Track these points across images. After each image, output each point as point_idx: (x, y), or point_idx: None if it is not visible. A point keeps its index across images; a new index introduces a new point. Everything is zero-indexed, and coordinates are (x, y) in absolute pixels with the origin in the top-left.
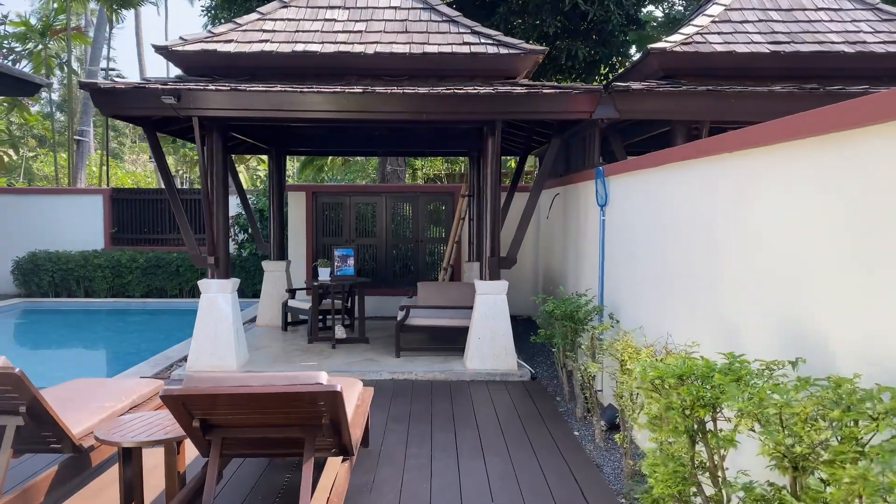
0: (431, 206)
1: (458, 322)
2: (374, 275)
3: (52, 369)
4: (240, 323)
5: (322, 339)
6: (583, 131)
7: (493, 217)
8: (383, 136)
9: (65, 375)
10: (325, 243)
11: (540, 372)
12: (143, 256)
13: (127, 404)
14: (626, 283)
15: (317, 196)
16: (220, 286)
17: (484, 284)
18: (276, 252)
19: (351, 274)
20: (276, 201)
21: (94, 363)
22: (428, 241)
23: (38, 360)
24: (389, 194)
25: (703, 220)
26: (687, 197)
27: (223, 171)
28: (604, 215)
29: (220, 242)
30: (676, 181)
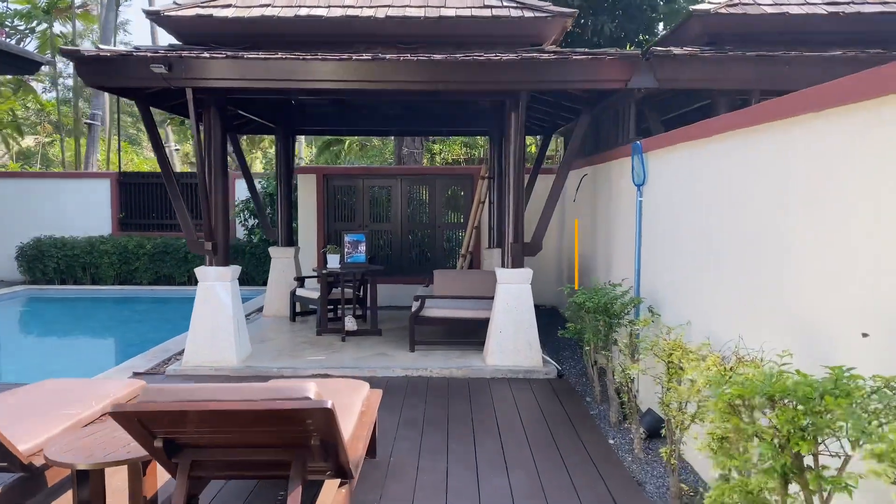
0: (450, 191)
1: (477, 313)
2: (388, 262)
3: (49, 361)
4: (241, 314)
5: (332, 330)
6: (615, 104)
7: (515, 200)
8: (397, 114)
9: (60, 369)
10: (338, 229)
11: (567, 368)
12: (151, 242)
13: (97, 411)
14: (668, 272)
15: (328, 179)
16: (219, 274)
17: (506, 273)
18: (284, 238)
19: (362, 261)
20: (284, 184)
21: (93, 354)
22: (446, 226)
23: (35, 351)
24: (405, 177)
25: (771, 197)
26: (749, 171)
27: (221, 149)
28: (641, 196)
29: (219, 226)
30: (735, 153)
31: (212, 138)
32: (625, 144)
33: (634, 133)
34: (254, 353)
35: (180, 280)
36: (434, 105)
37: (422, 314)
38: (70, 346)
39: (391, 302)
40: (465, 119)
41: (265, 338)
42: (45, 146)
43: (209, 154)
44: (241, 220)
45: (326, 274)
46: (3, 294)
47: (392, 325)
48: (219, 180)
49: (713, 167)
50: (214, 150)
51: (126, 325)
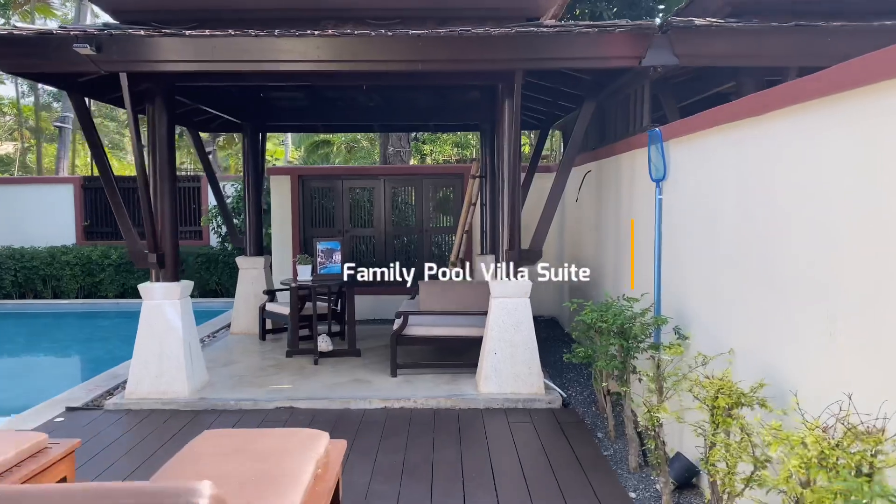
0: (441, 193)
1: (468, 331)
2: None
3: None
4: (194, 336)
5: (304, 351)
6: (624, 88)
7: (511, 201)
8: (377, 106)
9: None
10: (315, 235)
11: (573, 395)
12: (117, 252)
13: None
14: (700, 285)
15: (304, 180)
16: (167, 291)
17: (500, 285)
18: (253, 246)
19: (337, 272)
20: (253, 187)
21: (39, 379)
22: (434, 231)
23: None
24: (389, 177)
25: (861, 192)
26: (828, 159)
27: (168, 144)
28: (660, 193)
29: (166, 235)
30: (802, 134)
31: (157, 133)
32: (637, 134)
33: (649, 121)
34: (212, 380)
35: None
36: (418, 96)
37: (405, 333)
38: (15, 370)
39: (375, 314)
40: (453, 112)
41: (229, 360)
42: (24, 152)
43: (154, 152)
44: (214, 226)
45: (296, 287)
46: None
47: (374, 344)
48: (165, 182)
49: (778, 154)
50: (160, 148)
51: (85, 345)
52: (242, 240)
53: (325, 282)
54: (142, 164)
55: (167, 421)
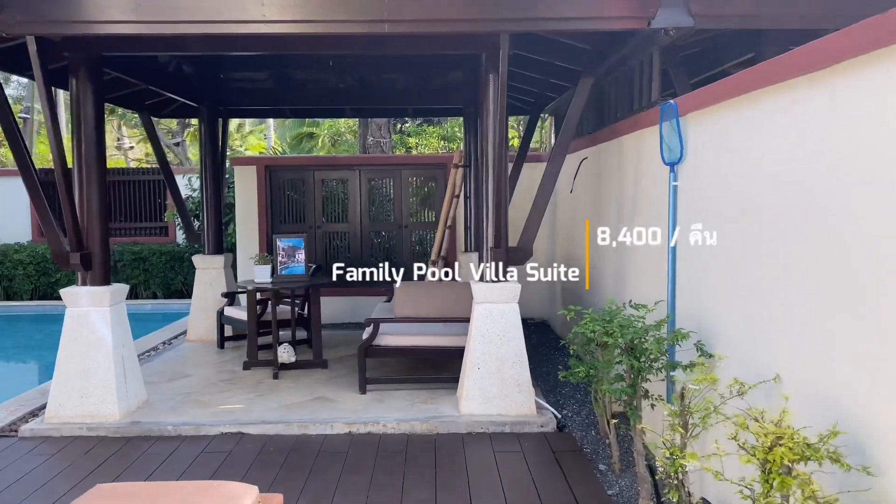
0: (422, 185)
1: (450, 340)
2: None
3: None
4: (129, 349)
5: (263, 363)
6: (628, 59)
7: (497, 192)
8: (349, 88)
9: None
10: (285, 231)
11: (569, 414)
12: None
13: None
14: (730, 291)
15: (272, 172)
16: (94, 297)
17: (484, 289)
18: (212, 244)
19: (300, 273)
20: (211, 178)
21: None
22: (415, 226)
23: None
24: (365, 168)
25: None
26: None
27: (96, 126)
28: (676, 179)
29: (94, 232)
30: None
31: (81, 112)
32: (645, 110)
33: (659, 95)
34: (153, 399)
35: None
36: (394, 77)
37: (376, 344)
38: None
39: (351, 317)
40: (434, 95)
41: (177, 373)
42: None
43: (78, 133)
44: (180, 222)
45: (255, 290)
46: None
47: (345, 352)
48: (92, 169)
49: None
50: (86, 129)
51: (32, 353)
52: (200, 237)
53: (287, 284)
54: (59, 149)
55: (91, 450)
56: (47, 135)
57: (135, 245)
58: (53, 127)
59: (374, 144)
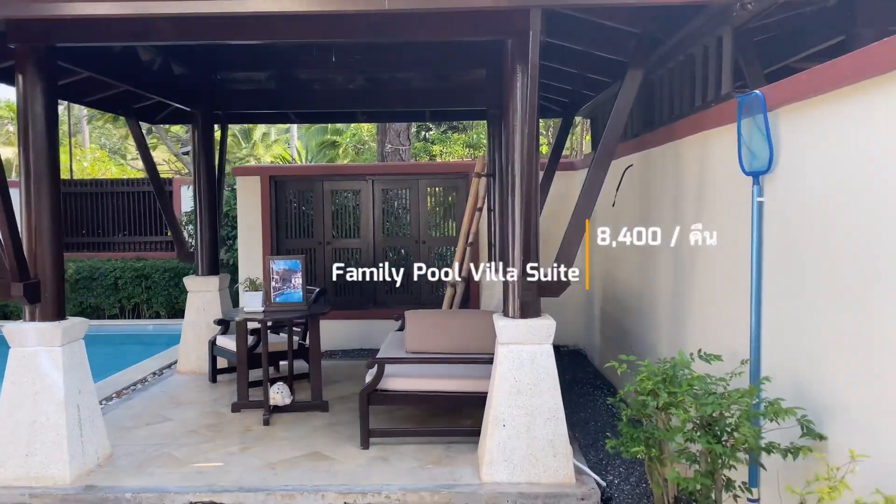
0: (443, 196)
1: (471, 384)
2: (358, 290)
3: None
4: (89, 395)
5: (255, 403)
6: (688, 45)
7: (525, 206)
8: (361, 89)
9: None
10: (292, 248)
11: (614, 479)
12: (74, 266)
13: None
14: (852, 346)
15: (277, 182)
16: (43, 335)
17: (510, 327)
18: (206, 263)
19: (297, 300)
20: (205, 190)
21: None
22: (434, 241)
23: None
24: (379, 177)
25: None
26: None
27: (46, 129)
28: (760, 193)
29: (45, 256)
30: None
31: (29, 113)
32: (713, 106)
33: (731, 87)
34: (120, 451)
35: (110, 312)
36: (410, 77)
37: (381, 388)
38: None
39: (363, 344)
40: (454, 95)
41: (157, 415)
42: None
43: (25, 137)
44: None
45: (241, 321)
46: None
47: (351, 389)
48: (43, 181)
49: None
50: (34, 133)
51: None
52: (193, 256)
53: (280, 314)
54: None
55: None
56: None
57: (137, 261)
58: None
59: (392, 152)
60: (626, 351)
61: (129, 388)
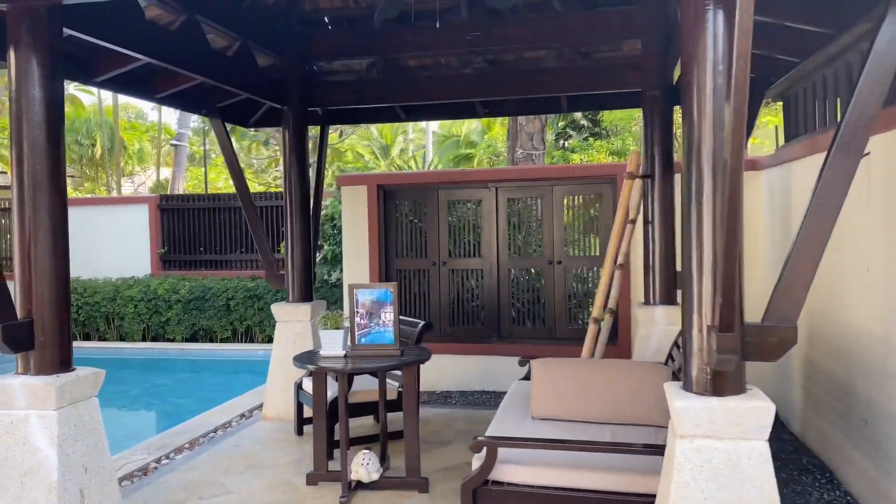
0: (592, 208)
1: (627, 482)
2: (478, 319)
3: None
4: (100, 474)
5: (335, 475)
6: None
7: (727, 223)
8: (480, 74)
9: None
10: (403, 267)
11: None
12: (187, 286)
13: None
14: None
15: (386, 192)
16: (33, 393)
17: (697, 409)
18: (298, 289)
19: (386, 342)
20: (298, 202)
21: None
22: (572, 261)
23: None
24: (504, 184)
25: None
26: None
27: (47, 120)
28: None
29: (44, 287)
30: None
31: (23, 98)
32: None
33: None
34: None
35: (222, 336)
36: (540, 53)
37: (495, 480)
38: None
39: (484, 384)
40: (597, 76)
41: (216, 485)
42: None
43: (18, 130)
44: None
45: (317, 370)
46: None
47: (462, 455)
48: (41, 190)
49: None
50: (28, 123)
51: (122, 407)
52: (283, 280)
53: (365, 361)
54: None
55: None
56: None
57: (251, 280)
58: None
59: (524, 158)
60: (852, 420)
61: (206, 436)
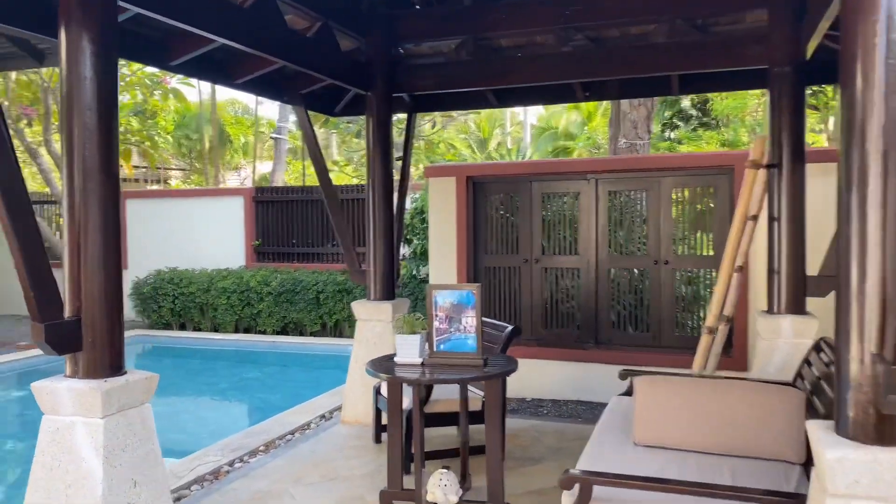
0: (702, 203)
1: None
2: (574, 322)
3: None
4: (152, 489)
5: (407, 495)
6: None
7: None
8: (580, 51)
9: None
10: (493, 265)
11: None
12: (278, 278)
13: None
14: None
15: (476, 184)
16: (80, 399)
17: (856, 461)
18: (379, 286)
19: (468, 350)
20: (380, 194)
21: None
22: (681, 261)
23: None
24: (604, 176)
25: None
26: None
27: (99, 102)
28: None
29: (93, 283)
30: None
31: (73, 77)
32: None
33: None
34: None
35: (311, 329)
36: (649, 28)
37: None
38: None
39: (579, 394)
40: (713, 52)
41: (284, 496)
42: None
43: (69, 113)
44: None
45: (393, 380)
46: None
47: (553, 477)
48: (91, 177)
49: None
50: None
51: (200, 404)
52: (364, 275)
53: (444, 372)
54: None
55: None
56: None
57: (341, 274)
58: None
59: (626, 149)
60: None
61: (283, 438)
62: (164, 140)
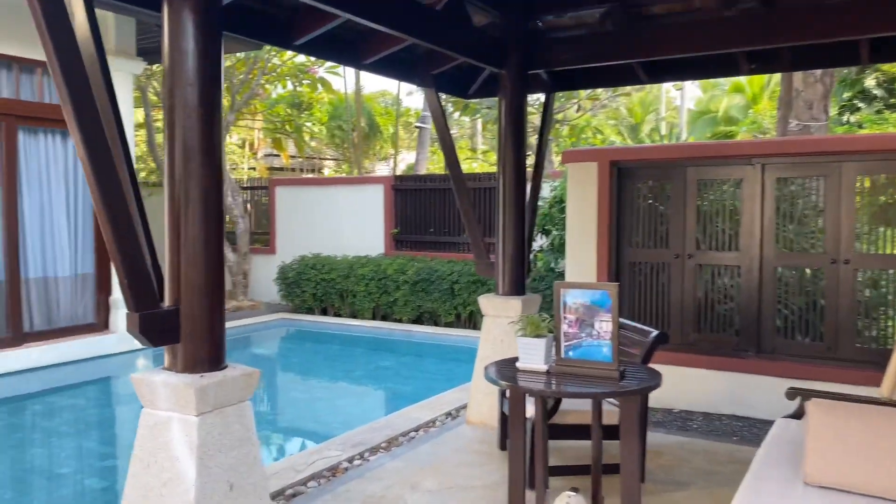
0: (884, 193)
1: None
2: (731, 326)
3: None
4: (251, 493)
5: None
6: None
7: None
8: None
9: None
10: (636, 259)
11: None
12: (414, 267)
13: None
14: None
15: (621, 170)
16: (176, 394)
17: None
18: (508, 280)
19: (601, 359)
20: (512, 181)
21: None
22: (864, 260)
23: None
24: (773, 160)
25: None
26: None
27: (201, 80)
28: None
29: (195, 270)
30: None
31: (174, 47)
32: None
33: None
34: None
35: (446, 320)
36: None
37: None
38: None
39: (735, 407)
40: None
41: (394, 501)
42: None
43: (171, 89)
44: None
45: (517, 388)
46: (252, 323)
47: (714, 487)
48: (194, 159)
49: None
50: (182, 85)
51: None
52: (492, 268)
53: (572, 383)
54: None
55: None
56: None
57: None
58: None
59: (799, 132)
60: None
61: (407, 435)
62: (317, 130)
